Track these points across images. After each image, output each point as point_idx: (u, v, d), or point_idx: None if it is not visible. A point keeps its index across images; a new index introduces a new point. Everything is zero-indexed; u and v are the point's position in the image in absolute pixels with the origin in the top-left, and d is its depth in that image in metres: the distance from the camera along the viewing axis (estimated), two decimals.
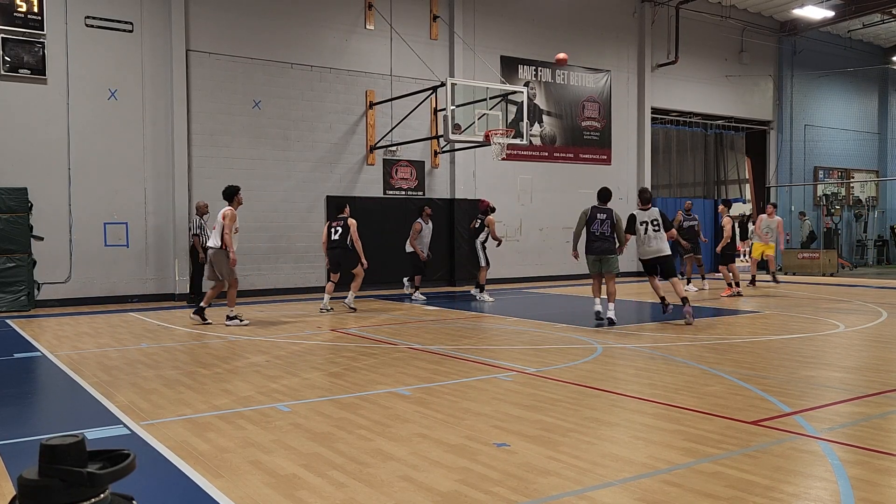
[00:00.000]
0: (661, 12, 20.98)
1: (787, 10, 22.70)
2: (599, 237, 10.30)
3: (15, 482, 3.85)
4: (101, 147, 13.78)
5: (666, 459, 4.11)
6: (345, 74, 16.24)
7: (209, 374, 6.85)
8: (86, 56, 13.60)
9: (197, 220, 13.78)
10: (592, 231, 10.30)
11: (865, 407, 5.37)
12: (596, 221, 10.31)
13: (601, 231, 10.30)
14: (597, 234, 10.30)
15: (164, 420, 5.14)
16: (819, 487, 3.67)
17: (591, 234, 10.32)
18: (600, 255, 10.31)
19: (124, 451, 1.34)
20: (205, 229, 13.49)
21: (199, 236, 13.59)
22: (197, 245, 13.58)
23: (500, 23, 18.42)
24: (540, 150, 19.16)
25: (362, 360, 7.52)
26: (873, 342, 8.58)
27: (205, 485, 3.79)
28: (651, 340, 8.77)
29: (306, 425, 4.94)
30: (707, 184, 23.45)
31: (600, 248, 10.28)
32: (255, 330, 9.98)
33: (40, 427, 5.21)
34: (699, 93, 22.25)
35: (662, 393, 5.83)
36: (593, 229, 10.30)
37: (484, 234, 14.05)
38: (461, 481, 3.77)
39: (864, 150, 27.29)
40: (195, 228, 13.75)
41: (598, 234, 10.30)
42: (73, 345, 8.75)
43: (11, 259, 12.69)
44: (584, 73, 19.94)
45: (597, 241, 10.31)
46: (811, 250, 22.00)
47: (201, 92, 14.64)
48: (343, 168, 16.32)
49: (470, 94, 14.65)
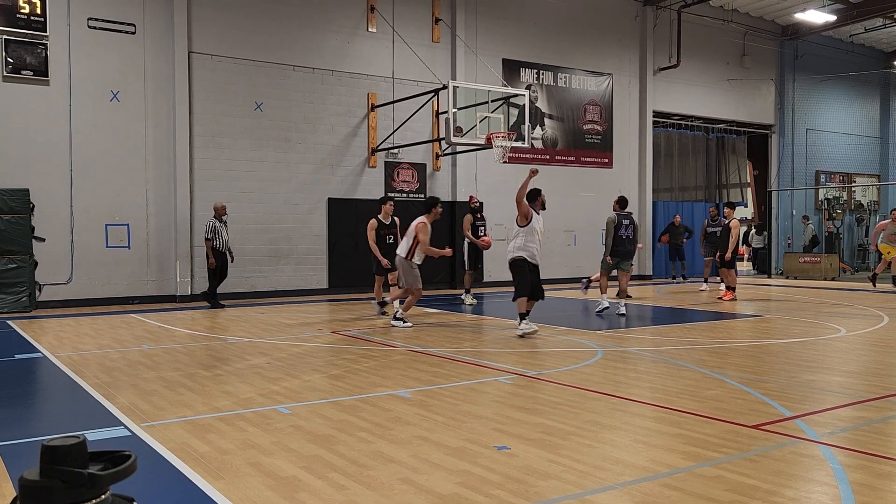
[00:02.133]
0: (663, 16, 21.00)
1: (789, 14, 22.70)
2: (625, 240, 11.50)
3: (16, 483, 3.85)
4: (103, 148, 13.80)
5: (667, 463, 4.10)
6: (347, 77, 16.26)
7: (210, 375, 6.85)
8: (88, 58, 13.63)
9: (211, 223, 13.08)
10: (619, 235, 11.46)
11: (866, 411, 5.36)
12: (622, 227, 11.48)
13: (626, 235, 11.51)
14: (623, 238, 11.49)
15: (164, 421, 5.14)
16: (820, 492, 3.67)
17: (619, 238, 11.46)
18: (624, 257, 11.51)
19: (125, 453, 1.34)
20: (219, 232, 13.05)
21: (212, 240, 13.01)
22: (208, 248, 13.03)
23: (502, 26, 18.44)
24: (541, 153, 19.16)
25: (363, 362, 7.52)
26: (874, 346, 8.57)
27: (205, 486, 3.79)
28: (652, 344, 8.77)
29: (307, 427, 4.94)
30: (708, 187, 23.43)
31: (625, 250, 11.49)
32: (255, 331, 9.98)
33: (41, 428, 5.21)
34: (701, 96, 22.25)
35: (663, 396, 5.83)
36: (620, 234, 11.47)
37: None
38: (461, 484, 3.77)
39: (866, 154, 27.28)
40: (208, 231, 13.09)
41: (624, 237, 11.50)
42: (74, 346, 8.76)
43: (13, 260, 12.70)
44: (585, 77, 19.95)
45: (623, 244, 11.47)
46: (813, 254, 21.99)
47: (203, 94, 14.66)
48: (345, 170, 16.33)
49: (472, 97, 14.66)
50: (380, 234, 11.45)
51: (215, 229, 13.07)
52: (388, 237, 11.47)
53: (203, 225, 14.64)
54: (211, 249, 13.02)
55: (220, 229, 13.11)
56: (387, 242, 11.43)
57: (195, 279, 14.56)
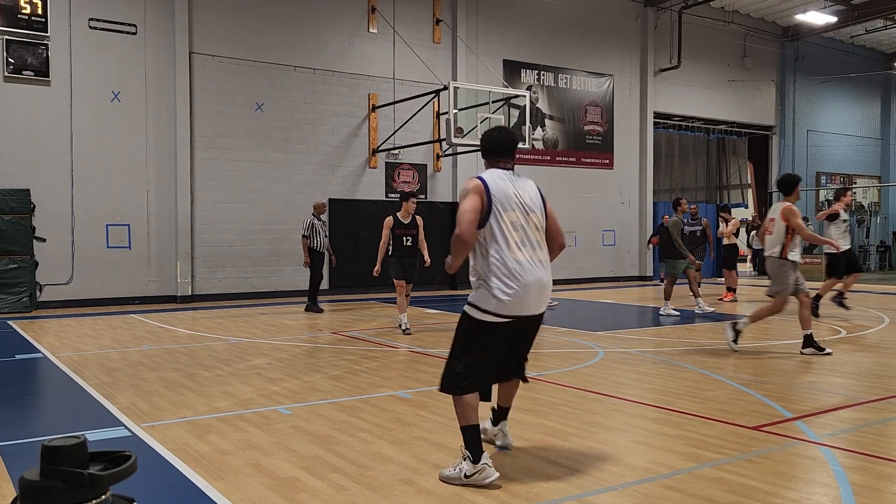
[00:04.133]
0: (664, 17, 20.99)
1: (790, 15, 22.70)
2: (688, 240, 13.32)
3: (16, 483, 3.85)
4: (104, 149, 13.80)
5: (667, 464, 4.10)
6: (347, 77, 16.26)
7: (210, 376, 6.85)
8: (89, 58, 13.63)
9: (309, 220, 12.46)
10: (685, 234, 13.28)
11: (867, 412, 5.36)
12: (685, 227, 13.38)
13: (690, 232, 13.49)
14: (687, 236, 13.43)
15: (165, 422, 5.14)
16: (820, 493, 3.66)
17: (684, 237, 13.17)
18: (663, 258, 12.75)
19: (125, 453, 1.34)
20: (317, 230, 12.43)
21: (310, 238, 12.38)
22: (304, 247, 12.42)
23: (502, 27, 18.45)
24: (542, 154, 19.17)
25: (364, 363, 7.52)
26: (875, 348, 8.56)
27: (205, 487, 3.79)
28: (652, 345, 8.77)
29: (307, 428, 4.94)
30: (709, 188, 23.42)
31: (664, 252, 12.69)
32: (256, 332, 9.98)
33: (42, 428, 5.21)
34: (701, 97, 22.25)
35: (663, 397, 5.83)
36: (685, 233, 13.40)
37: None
38: (462, 485, 3.76)
39: (867, 155, 27.27)
40: (306, 229, 12.45)
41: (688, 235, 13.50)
42: (74, 346, 8.76)
43: (13, 260, 12.71)
44: (586, 78, 19.95)
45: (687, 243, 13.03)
46: (813, 255, 21.97)
47: (204, 94, 14.67)
48: (345, 171, 16.34)
49: (472, 98, 14.66)
50: (395, 233, 9.81)
51: (313, 227, 12.43)
52: (405, 238, 9.85)
53: (204, 225, 14.70)
54: (307, 248, 12.41)
55: (318, 228, 12.46)
56: (404, 244, 9.85)
57: (195, 279, 14.56)
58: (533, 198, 4.00)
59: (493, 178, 3.94)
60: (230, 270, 14.98)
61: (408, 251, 9.87)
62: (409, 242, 9.86)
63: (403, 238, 9.83)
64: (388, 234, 9.79)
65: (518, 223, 3.89)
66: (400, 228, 9.84)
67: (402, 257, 9.84)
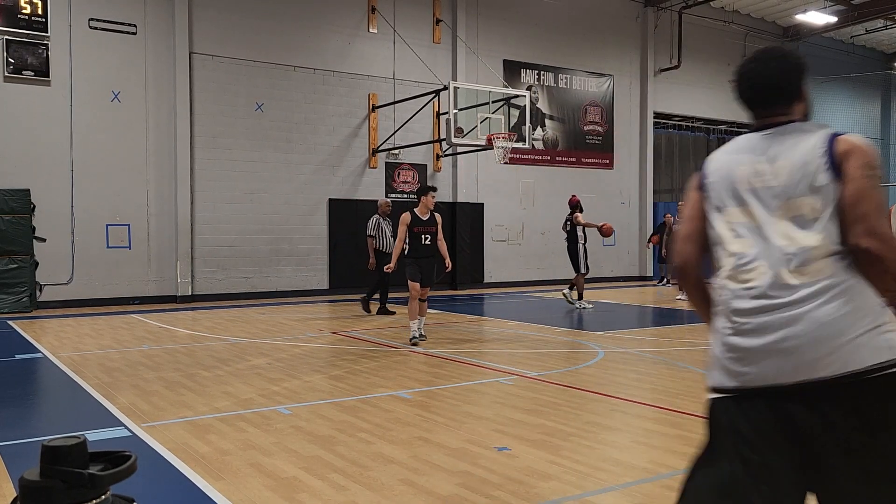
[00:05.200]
0: (664, 17, 20.99)
1: (790, 15, 22.70)
2: None
3: (16, 483, 3.85)
4: (104, 149, 13.80)
5: (667, 464, 4.10)
6: (347, 77, 16.26)
7: (210, 376, 6.85)
8: (89, 58, 13.63)
9: (375, 220, 11.86)
10: None
11: None
12: None
13: None
14: None
15: (164, 422, 5.14)
16: None
17: None
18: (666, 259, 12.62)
19: (125, 453, 1.34)
20: (383, 230, 11.80)
21: (375, 238, 11.78)
22: (370, 247, 11.78)
23: (502, 27, 18.45)
24: (542, 154, 19.16)
25: (363, 363, 7.52)
26: None
27: (205, 487, 3.79)
28: (653, 345, 8.77)
29: (307, 428, 4.94)
30: None
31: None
32: (256, 332, 9.98)
33: (41, 428, 5.22)
34: (702, 98, 22.24)
35: (664, 397, 5.83)
36: None
37: None
38: (462, 485, 3.77)
39: None
40: (372, 229, 11.83)
41: None
42: (74, 346, 8.76)
43: (13, 260, 12.71)
44: (586, 78, 19.95)
45: None
46: None
47: (204, 94, 14.67)
48: (345, 171, 16.34)
49: (472, 98, 14.67)
50: (413, 231, 8.86)
51: (379, 226, 11.82)
52: (424, 236, 8.90)
53: (204, 225, 14.70)
54: (373, 250, 11.78)
55: (384, 228, 11.84)
56: (423, 243, 8.90)
57: (195, 280, 14.56)
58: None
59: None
60: (230, 270, 14.98)
61: (427, 251, 8.92)
62: (427, 241, 8.90)
63: (422, 236, 8.87)
64: (404, 232, 8.85)
65: None
66: (419, 226, 8.87)
67: (420, 258, 8.88)
